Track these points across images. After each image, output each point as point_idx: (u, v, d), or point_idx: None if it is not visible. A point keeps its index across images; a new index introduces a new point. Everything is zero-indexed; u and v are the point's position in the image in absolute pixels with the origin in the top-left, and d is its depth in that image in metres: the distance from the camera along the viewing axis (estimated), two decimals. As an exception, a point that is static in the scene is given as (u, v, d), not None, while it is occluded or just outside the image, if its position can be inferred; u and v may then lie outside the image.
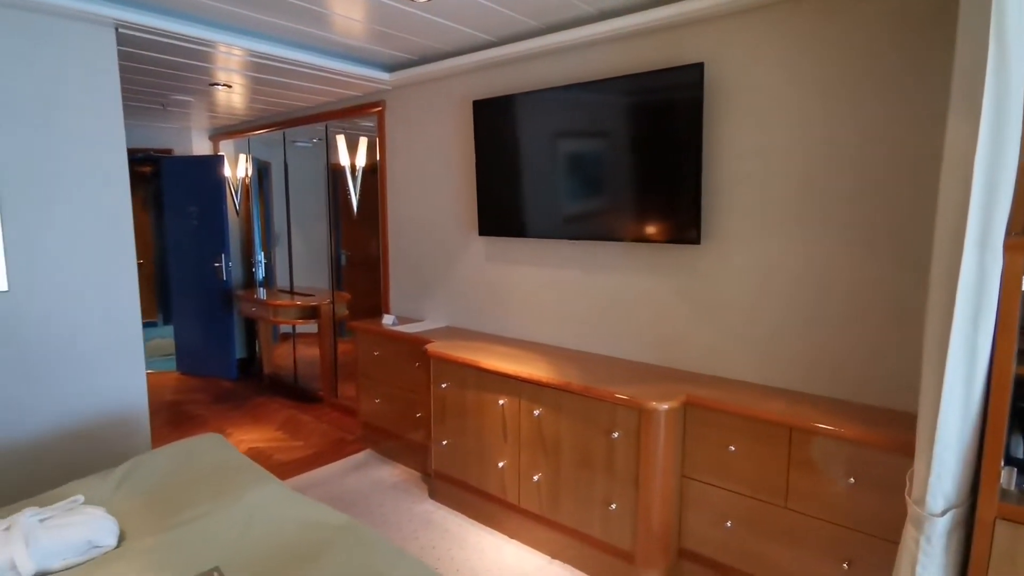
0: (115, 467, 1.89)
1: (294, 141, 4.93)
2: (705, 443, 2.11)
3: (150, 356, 5.00)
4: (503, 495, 2.60)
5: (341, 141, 3.75)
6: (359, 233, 4.95)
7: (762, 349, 2.25)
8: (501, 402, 2.55)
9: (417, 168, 3.51)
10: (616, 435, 2.18)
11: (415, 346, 3.13)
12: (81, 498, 1.62)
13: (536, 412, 2.42)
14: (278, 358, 5.13)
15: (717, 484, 2.09)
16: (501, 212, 2.97)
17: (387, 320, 3.48)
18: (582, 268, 2.77)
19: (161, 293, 6.46)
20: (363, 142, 3.88)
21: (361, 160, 3.88)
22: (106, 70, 2.34)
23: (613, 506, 2.22)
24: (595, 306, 2.75)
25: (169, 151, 5.21)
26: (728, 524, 2.07)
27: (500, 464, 2.58)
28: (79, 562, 1.44)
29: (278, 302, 4.45)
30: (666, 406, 2.09)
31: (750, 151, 2.21)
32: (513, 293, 3.09)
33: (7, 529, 1.43)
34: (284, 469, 3.28)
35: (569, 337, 2.87)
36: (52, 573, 1.41)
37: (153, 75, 3.22)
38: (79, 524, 1.48)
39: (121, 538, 1.54)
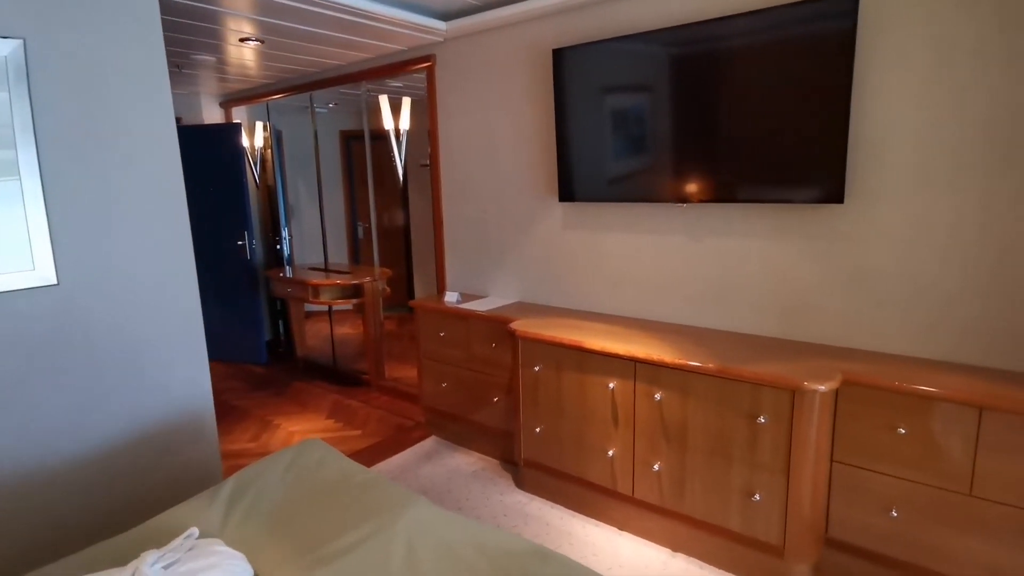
0: (216, 487, 1.63)
1: (304, 107, 4.54)
2: (863, 425, 1.89)
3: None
4: (612, 485, 2.38)
5: (384, 102, 3.38)
6: (377, 202, 4.60)
7: (922, 318, 2.01)
8: (611, 385, 2.30)
9: (477, 129, 3.18)
10: (762, 420, 1.95)
11: (490, 325, 2.86)
12: (196, 531, 1.37)
13: (657, 396, 2.18)
14: (310, 338, 4.85)
15: (878, 470, 1.88)
16: (588, 174, 2.67)
17: (450, 298, 3.20)
18: (689, 234, 2.49)
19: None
20: (406, 102, 3.52)
21: (405, 123, 3.52)
22: (150, 22, 1.98)
23: (756, 497, 2.01)
24: (704, 275, 2.49)
25: (177, 120, 4.77)
26: (893, 513, 1.87)
27: (609, 452, 2.36)
28: (218, 615, 1.19)
29: (318, 281, 4.13)
30: (823, 387, 1.85)
31: (913, 92, 1.92)
32: (599, 263, 2.82)
33: (129, 582, 1.17)
34: (351, 462, 3.04)
35: (671, 310, 2.61)
36: (188, 630, 1.16)
37: (177, 29, 2.82)
38: (210, 570, 1.22)
39: (257, 580, 1.30)
